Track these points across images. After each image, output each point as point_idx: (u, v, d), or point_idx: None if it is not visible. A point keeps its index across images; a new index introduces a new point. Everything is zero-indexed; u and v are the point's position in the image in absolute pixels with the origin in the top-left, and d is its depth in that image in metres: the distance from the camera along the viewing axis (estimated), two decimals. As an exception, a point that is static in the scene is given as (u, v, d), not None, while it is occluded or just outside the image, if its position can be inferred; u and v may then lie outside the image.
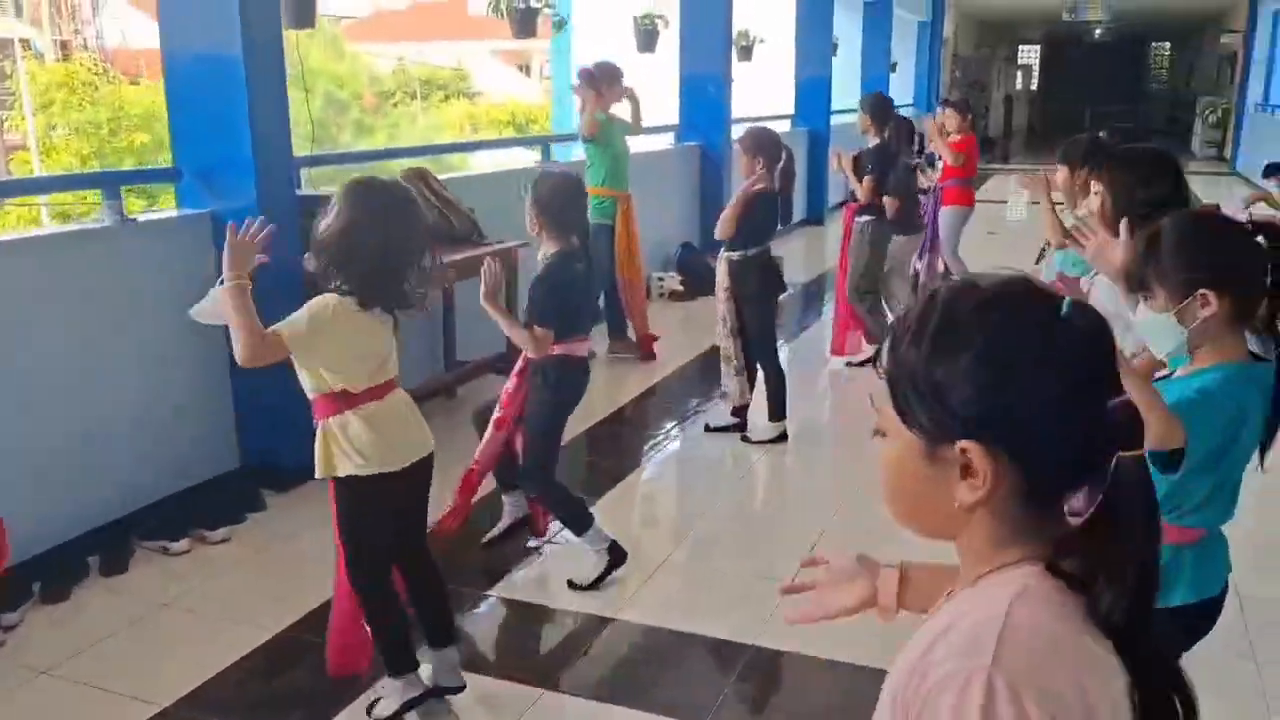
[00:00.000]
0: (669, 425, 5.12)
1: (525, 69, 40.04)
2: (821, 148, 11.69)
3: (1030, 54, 32.66)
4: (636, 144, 7.41)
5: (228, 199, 3.94)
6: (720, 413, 4.91)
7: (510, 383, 3.38)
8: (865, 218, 5.57)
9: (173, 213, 4.05)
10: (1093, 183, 2.62)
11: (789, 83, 11.83)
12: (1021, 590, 0.89)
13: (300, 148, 4.69)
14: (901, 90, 16.99)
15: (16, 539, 3.21)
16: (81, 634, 3.12)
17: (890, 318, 5.93)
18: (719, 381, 4.86)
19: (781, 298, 4.89)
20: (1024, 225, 12.68)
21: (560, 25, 6.37)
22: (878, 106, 5.68)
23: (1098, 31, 28.07)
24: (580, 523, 3.35)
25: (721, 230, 4.48)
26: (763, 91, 11.23)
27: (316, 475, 2.48)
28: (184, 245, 3.93)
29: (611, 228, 5.80)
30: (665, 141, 8.52)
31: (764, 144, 4.54)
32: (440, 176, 5.21)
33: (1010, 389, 0.88)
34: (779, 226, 4.71)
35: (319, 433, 2.46)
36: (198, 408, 4.05)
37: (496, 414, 3.38)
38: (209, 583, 3.45)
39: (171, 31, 3.88)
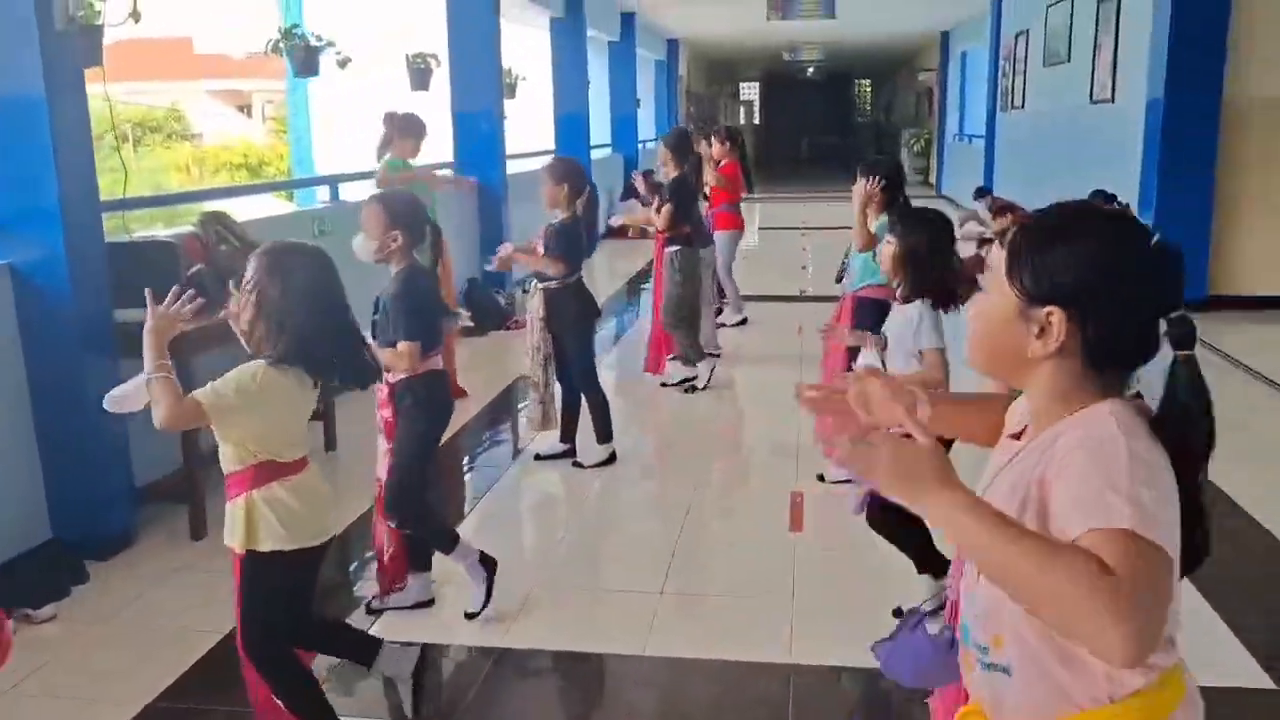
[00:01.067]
0: (497, 459, 5.16)
1: (246, 109, 38.25)
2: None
3: (751, 90, 34.89)
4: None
5: (30, 250, 3.66)
6: (549, 441, 5.00)
7: (385, 411, 3.29)
8: (674, 247, 5.86)
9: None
10: (890, 236, 3.13)
11: (549, 119, 12.14)
12: (1112, 409, 1.21)
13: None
14: (646, 125, 17.75)
15: None
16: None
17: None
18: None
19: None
20: (761, 249, 13.57)
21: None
22: (678, 142, 5.99)
23: (809, 70, 30.42)
24: (447, 541, 3.34)
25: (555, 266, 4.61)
26: (527, 128, 11.43)
27: (235, 548, 2.38)
28: (-21, 301, 3.62)
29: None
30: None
31: (571, 173, 4.70)
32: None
33: (1101, 280, 1.22)
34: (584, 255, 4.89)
35: (240, 506, 2.35)
36: (2, 478, 3.71)
37: (384, 446, 3.31)
38: (48, 664, 3.17)
39: (-46, 72, 3.57)
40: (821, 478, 4.52)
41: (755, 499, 4.61)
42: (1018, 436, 1.36)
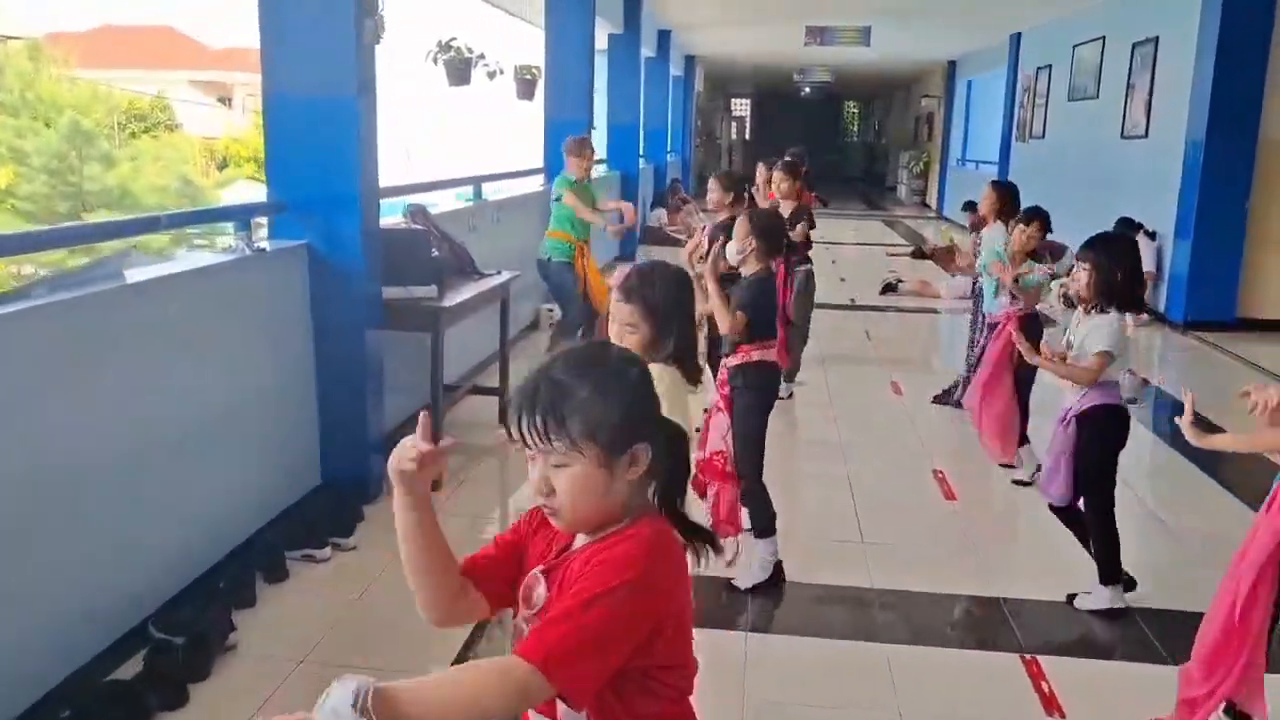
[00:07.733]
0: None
1: (227, 100, 38.30)
2: (631, 188, 12.75)
3: (743, 106, 35.72)
4: (511, 186, 8.19)
5: (326, 231, 4.21)
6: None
7: (724, 390, 3.72)
8: (804, 267, 6.52)
9: (284, 243, 4.21)
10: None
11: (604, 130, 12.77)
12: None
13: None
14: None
15: (194, 556, 3.50)
16: (311, 619, 3.46)
17: None
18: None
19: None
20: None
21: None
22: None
23: (804, 90, 31.25)
24: (768, 529, 3.82)
25: None
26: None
27: None
28: (288, 273, 4.18)
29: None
30: (536, 184, 9.12)
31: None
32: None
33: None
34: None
35: None
36: (289, 428, 4.24)
37: (725, 422, 3.61)
38: (383, 574, 3.74)
39: (276, 76, 4.12)
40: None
41: (901, 477, 5.22)
42: None
